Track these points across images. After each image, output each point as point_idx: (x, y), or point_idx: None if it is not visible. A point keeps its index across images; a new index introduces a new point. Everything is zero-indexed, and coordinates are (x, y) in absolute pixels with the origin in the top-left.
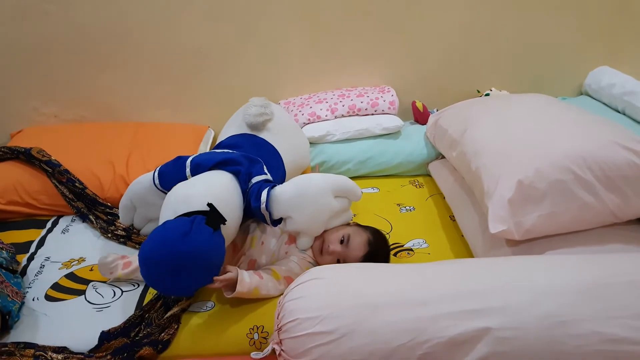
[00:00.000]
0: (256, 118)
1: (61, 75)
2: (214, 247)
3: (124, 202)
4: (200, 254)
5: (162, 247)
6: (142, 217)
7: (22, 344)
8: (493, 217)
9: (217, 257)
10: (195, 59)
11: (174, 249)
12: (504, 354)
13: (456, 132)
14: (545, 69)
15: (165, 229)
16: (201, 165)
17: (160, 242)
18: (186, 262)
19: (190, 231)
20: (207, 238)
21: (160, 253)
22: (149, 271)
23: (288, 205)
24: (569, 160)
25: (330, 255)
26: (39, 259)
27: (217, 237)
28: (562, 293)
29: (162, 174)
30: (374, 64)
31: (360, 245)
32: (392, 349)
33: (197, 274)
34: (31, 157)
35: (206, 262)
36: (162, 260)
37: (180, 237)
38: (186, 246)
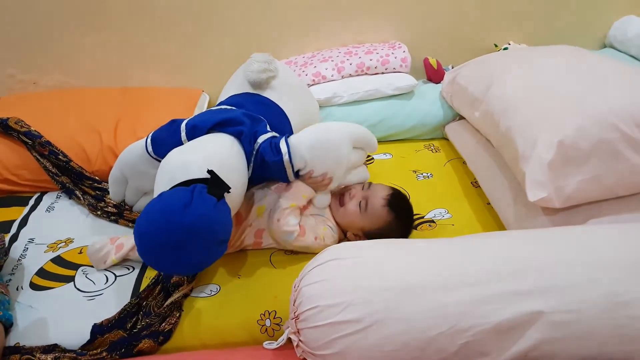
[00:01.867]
0: (259, 75)
1: (39, 38)
2: (220, 218)
3: (114, 174)
4: (205, 226)
5: (160, 220)
6: (135, 190)
7: (5, 350)
8: (531, 183)
9: (223, 229)
10: (186, 17)
11: (174, 222)
12: (558, 340)
13: (478, 90)
14: (566, 19)
15: (162, 201)
16: (198, 127)
17: (158, 215)
18: (189, 236)
19: (191, 201)
20: (210, 208)
21: (159, 228)
22: (147, 249)
23: (308, 156)
24: (615, 116)
25: (352, 200)
26: (22, 241)
27: (221, 206)
28: (621, 267)
29: (156, 139)
30: (382, 17)
31: (384, 187)
32: (430, 338)
33: (202, 250)
34: (8, 128)
35: (211, 235)
36: (162, 236)
37: (180, 209)
38: (188, 218)
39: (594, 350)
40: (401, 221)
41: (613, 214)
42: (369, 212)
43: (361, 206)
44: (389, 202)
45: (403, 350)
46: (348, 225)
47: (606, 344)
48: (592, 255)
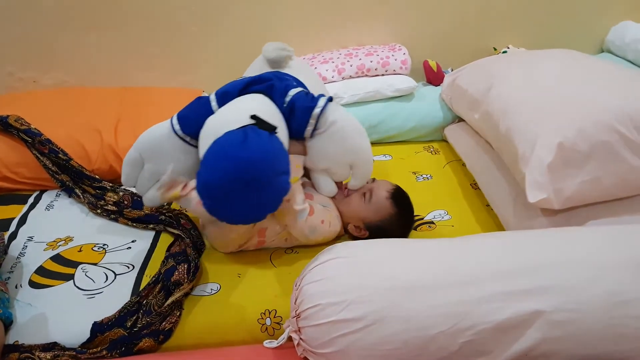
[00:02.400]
0: (279, 52)
1: (40, 37)
2: (277, 148)
3: (130, 155)
4: (265, 157)
5: (223, 161)
6: (150, 175)
7: (5, 348)
8: (531, 184)
9: (282, 159)
10: (187, 17)
11: (236, 158)
12: (558, 339)
13: (478, 91)
14: (565, 24)
15: (217, 145)
16: (228, 92)
17: (218, 157)
18: (253, 168)
19: (246, 138)
20: (266, 140)
21: (223, 168)
22: (215, 195)
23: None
24: (614, 119)
25: (357, 191)
26: (21, 239)
27: (276, 140)
28: (621, 268)
29: (183, 117)
30: (382, 19)
31: (387, 183)
32: (431, 336)
33: (267, 183)
34: (8, 125)
35: (273, 165)
36: (227, 175)
37: (239, 145)
38: (248, 151)
39: (594, 349)
40: (403, 216)
41: (612, 216)
42: (373, 203)
43: (365, 197)
44: (393, 195)
45: (404, 349)
46: (351, 216)
47: (606, 343)
48: (592, 255)
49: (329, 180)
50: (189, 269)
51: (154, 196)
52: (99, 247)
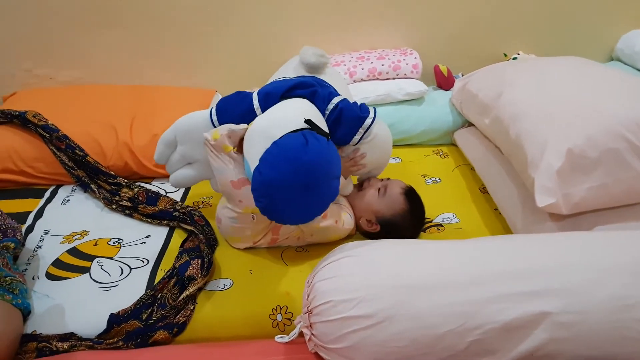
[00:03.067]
0: (319, 58)
1: (56, 34)
2: (333, 153)
3: (167, 135)
4: (325, 160)
5: (285, 162)
6: (180, 157)
7: (23, 337)
8: (540, 189)
9: (337, 163)
10: (200, 18)
11: (299, 161)
12: (563, 340)
13: (489, 97)
14: (575, 32)
15: (279, 146)
16: (271, 93)
17: (279, 159)
18: (314, 171)
19: (307, 142)
20: (325, 145)
21: (284, 170)
22: (273, 194)
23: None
24: (623, 126)
25: (371, 187)
26: (38, 232)
27: (331, 144)
28: (626, 272)
29: (222, 110)
30: (393, 24)
31: (401, 182)
32: (439, 335)
33: (324, 185)
34: (26, 121)
35: (331, 169)
36: (288, 177)
37: (301, 148)
38: (310, 155)
39: (599, 351)
40: (414, 213)
41: (619, 222)
42: (387, 197)
43: (380, 191)
44: (407, 192)
45: (412, 347)
46: (364, 209)
47: (611, 345)
48: (600, 259)
49: (347, 179)
50: (203, 264)
51: (181, 176)
52: (114, 242)
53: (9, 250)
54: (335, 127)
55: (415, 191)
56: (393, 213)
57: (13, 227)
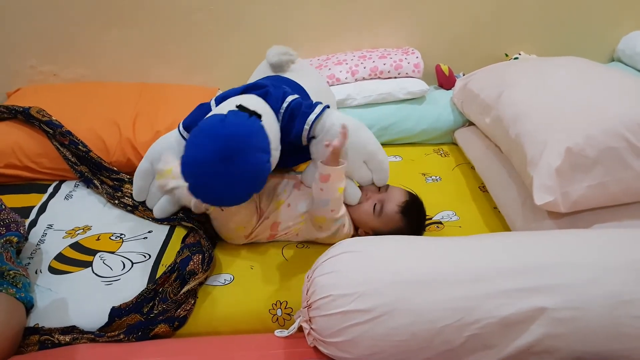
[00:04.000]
0: (280, 57)
1: (61, 31)
2: (254, 128)
3: (142, 167)
4: (244, 132)
5: (200, 139)
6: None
7: (25, 330)
8: (538, 187)
9: (261, 137)
10: (205, 17)
11: (215, 135)
12: (560, 336)
13: (490, 97)
14: (576, 33)
15: (198, 127)
16: (227, 96)
17: (197, 135)
18: (231, 143)
19: (224, 119)
20: (244, 119)
21: (201, 146)
22: (195, 172)
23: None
24: (622, 126)
25: (367, 201)
26: (41, 227)
27: (254, 120)
28: (624, 269)
29: (189, 124)
30: (396, 23)
31: (401, 192)
32: (437, 329)
33: (248, 157)
34: (30, 117)
35: (252, 141)
36: (205, 152)
37: (218, 123)
38: (226, 128)
39: (595, 347)
40: (412, 227)
41: (617, 220)
42: (383, 216)
43: (375, 209)
44: (404, 209)
45: (411, 341)
46: (360, 223)
47: (607, 341)
48: (597, 256)
49: (350, 184)
50: (204, 259)
51: (164, 206)
52: (116, 237)
53: (12, 244)
54: (289, 125)
55: (413, 206)
56: (389, 229)
57: (16, 221)
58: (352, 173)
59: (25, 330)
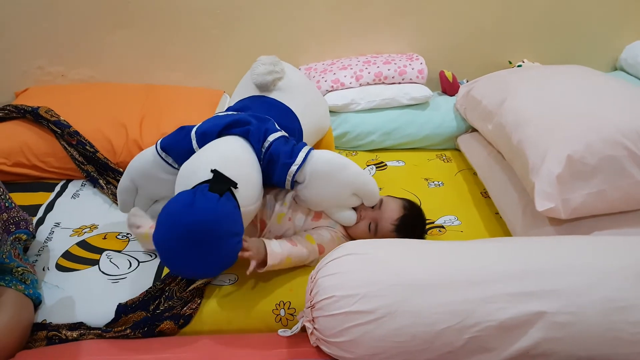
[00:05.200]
0: (264, 77)
1: (69, 33)
2: (224, 211)
3: (123, 183)
4: (210, 219)
5: (167, 224)
6: (145, 199)
7: (33, 326)
8: (540, 193)
9: (231, 221)
10: (210, 20)
11: (180, 223)
12: (558, 340)
13: (492, 103)
14: (580, 41)
15: (167, 207)
16: (207, 133)
17: (164, 220)
18: (197, 232)
19: (192, 202)
20: (213, 203)
21: (168, 231)
22: (164, 254)
23: (312, 175)
24: (622, 134)
25: (362, 221)
26: (48, 224)
27: (225, 202)
28: (621, 276)
29: (166, 147)
30: (401, 29)
31: (395, 207)
32: (437, 331)
33: (214, 245)
34: (39, 116)
35: (219, 228)
36: (172, 239)
37: (184, 209)
38: (192, 216)
39: (592, 352)
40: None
41: (616, 227)
42: (379, 235)
43: (370, 229)
44: (398, 227)
45: (412, 342)
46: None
47: (603, 346)
48: (594, 262)
49: (343, 210)
50: None
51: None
52: (122, 236)
53: (20, 242)
54: (269, 169)
55: (409, 217)
56: None
57: (25, 219)
58: (342, 204)
59: (34, 326)
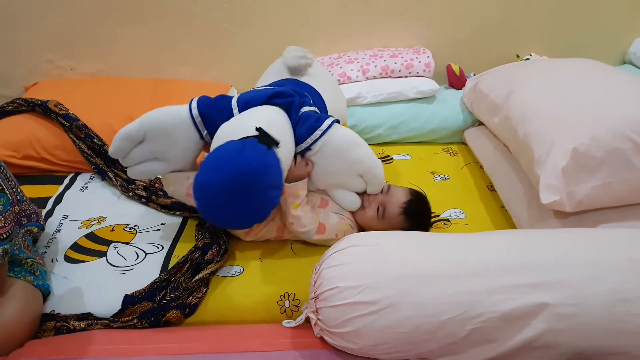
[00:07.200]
0: (298, 60)
1: (79, 27)
2: (271, 162)
3: (132, 130)
4: (257, 168)
5: (215, 167)
6: (146, 151)
7: (42, 317)
8: (545, 186)
9: (275, 173)
10: (220, 14)
11: (229, 166)
12: (561, 331)
13: (499, 97)
14: (588, 35)
15: (216, 151)
16: (252, 102)
17: (212, 163)
18: (244, 178)
19: (243, 149)
20: (261, 155)
21: (215, 173)
22: (206, 197)
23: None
24: (628, 127)
25: (370, 205)
26: (57, 217)
27: (272, 155)
28: (625, 268)
29: (204, 114)
30: (407, 23)
31: (402, 192)
32: (441, 322)
33: (257, 193)
34: (48, 110)
35: (264, 179)
36: (218, 180)
37: (233, 155)
38: (241, 162)
39: (594, 343)
40: (417, 226)
41: (621, 220)
42: (386, 218)
43: (379, 212)
44: (405, 209)
45: (415, 333)
46: (366, 227)
47: (606, 338)
48: (598, 254)
49: (348, 193)
50: (219, 251)
51: (147, 171)
52: (130, 228)
53: (31, 234)
54: (294, 132)
55: (416, 204)
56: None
57: (36, 212)
58: (346, 184)
59: (42, 316)
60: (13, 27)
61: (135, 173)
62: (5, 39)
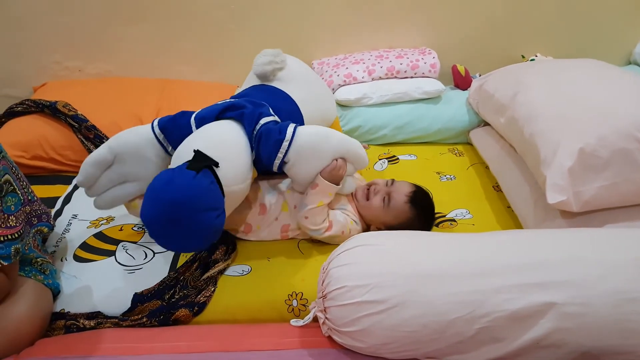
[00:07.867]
0: (264, 67)
1: (86, 28)
2: (198, 187)
3: (100, 155)
4: (186, 195)
5: (149, 201)
6: (116, 174)
7: (52, 315)
8: (551, 186)
9: (207, 198)
10: (225, 15)
11: (160, 199)
12: (568, 330)
13: (505, 97)
14: (593, 35)
15: (151, 185)
16: (206, 118)
17: (148, 197)
18: (175, 207)
19: (171, 179)
20: (187, 181)
21: (150, 208)
22: (149, 229)
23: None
24: (634, 127)
25: (376, 195)
26: (66, 216)
27: (201, 178)
28: (632, 267)
29: (165, 128)
30: (413, 24)
31: (406, 184)
32: (448, 321)
33: (193, 220)
34: (57, 111)
35: (195, 203)
36: (154, 215)
37: (163, 188)
38: (169, 193)
39: (602, 342)
40: (422, 217)
41: (628, 220)
42: (392, 208)
43: (385, 201)
44: (411, 198)
45: (422, 332)
46: (372, 219)
47: (613, 337)
48: (605, 254)
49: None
50: (227, 250)
51: (119, 196)
52: (138, 227)
53: (41, 234)
54: (260, 150)
55: (421, 194)
56: (400, 222)
57: (46, 212)
58: None
59: (52, 315)
60: (20, 28)
61: (104, 202)
62: (13, 40)
